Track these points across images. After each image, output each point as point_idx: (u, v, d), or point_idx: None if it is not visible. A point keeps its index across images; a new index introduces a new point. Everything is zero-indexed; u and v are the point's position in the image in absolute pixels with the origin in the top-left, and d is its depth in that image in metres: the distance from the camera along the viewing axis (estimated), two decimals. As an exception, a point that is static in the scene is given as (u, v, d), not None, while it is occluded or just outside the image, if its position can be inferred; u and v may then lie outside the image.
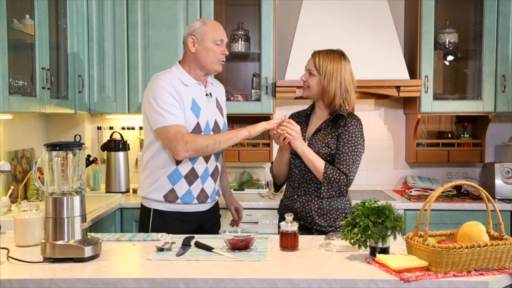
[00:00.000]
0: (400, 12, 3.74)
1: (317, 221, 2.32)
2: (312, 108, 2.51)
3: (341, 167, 2.27)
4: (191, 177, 2.36)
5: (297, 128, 2.27)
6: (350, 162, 2.27)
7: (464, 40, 3.59)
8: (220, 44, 2.38)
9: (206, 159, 2.39)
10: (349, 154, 2.28)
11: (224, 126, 2.53)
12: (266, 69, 3.42)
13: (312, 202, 2.33)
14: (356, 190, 3.57)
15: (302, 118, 2.50)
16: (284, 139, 2.27)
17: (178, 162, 2.33)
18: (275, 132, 2.28)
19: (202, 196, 2.41)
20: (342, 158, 2.28)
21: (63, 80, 3.10)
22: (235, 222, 2.74)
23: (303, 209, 2.35)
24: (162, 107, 2.26)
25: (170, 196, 2.36)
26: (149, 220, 2.39)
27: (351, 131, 2.30)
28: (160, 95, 2.28)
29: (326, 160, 2.30)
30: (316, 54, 2.37)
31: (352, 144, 2.28)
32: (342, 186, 2.27)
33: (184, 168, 2.35)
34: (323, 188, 2.27)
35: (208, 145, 2.26)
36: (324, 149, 2.31)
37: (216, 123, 2.44)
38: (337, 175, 2.25)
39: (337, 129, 2.32)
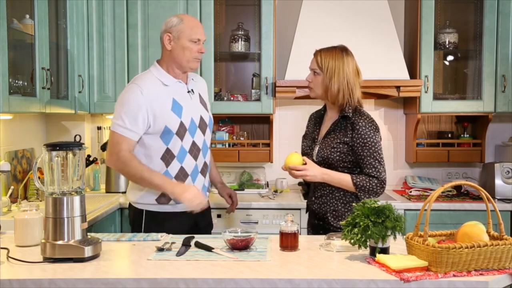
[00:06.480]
0: (400, 12, 3.74)
1: (332, 222, 2.31)
2: (325, 108, 2.48)
3: (369, 171, 2.24)
4: (181, 176, 2.35)
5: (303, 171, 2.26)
6: (376, 164, 2.24)
7: (464, 40, 3.59)
8: (197, 43, 2.35)
9: (195, 156, 2.38)
10: (371, 156, 2.23)
11: (210, 121, 2.50)
12: (266, 69, 3.42)
13: (328, 204, 2.33)
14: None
15: (317, 119, 2.48)
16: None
17: (167, 165, 2.33)
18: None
19: None
20: (366, 163, 2.24)
21: (63, 80, 3.10)
22: (231, 208, 2.69)
23: (320, 211, 2.36)
24: (121, 115, 2.26)
25: (163, 199, 2.35)
26: (142, 222, 2.39)
27: (362, 133, 2.24)
28: (128, 103, 2.27)
29: (340, 166, 2.28)
30: (318, 52, 2.34)
31: (370, 146, 2.24)
32: (378, 189, 2.24)
33: (174, 169, 2.34)
34: (362, 199, 2.22)
35: (132, 176, 2.29)
36: (334, 154, 2.28)
37: (202, 119, 2.43)
38: (368, 182, 2.23)
39: (346, 133, 2.28)
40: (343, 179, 2.25)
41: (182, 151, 2.34)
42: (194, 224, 2.42)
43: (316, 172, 2.26)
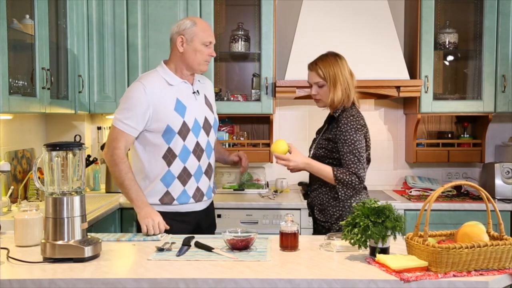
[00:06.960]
0: (400, 12, 3.74)
1: (317, 216, 2.39)
2: None
3: (349, 167, 2.27)
4: (184, 176, 2.36)
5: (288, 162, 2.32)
6: (356, 161, 2.27)
7: (464, 40, 3.59)
8: (209, 46, 2.39)
9: (198, 157, 2.39)
10: (351, 153, 2.27)
11: (215, 123, 2.52)
12: (266, 69, 3.42)
13: (316, 198, 2.40)
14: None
15: (326, 119, 2.56)
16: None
17: (169, 164, 2.34)
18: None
19: (198, 195, 2.41)
20: (346, 159, 2.28)
21: (63, 80, 3.10)
22: (243, 168, 2.67)
23: (312, 204, 2.44)
24: (123, 111, 2.30)
25: (166, 199, 2.36)
26: None
27: (343, 130, 2.29)
28: (130, 100, 2.31)
29: (325, 163, 2.33)
30: (314, 66, 2.40)
31: (350, 143, 2.28)
32: (356, 185, 2.28)
33: (176, 169, 2.35)
34: (339, 192, 2.29)
35: (116, 177, 2.32)
36: (320, 151, 2.38)
37: (206, 120, 2.44)
38: (347, 177, 2.26)
39: (331, 131, 2.36)
40: (324, 170, 2.30)
41: (184, 151, 2.34)
42: (197, 224, 2.43)
43: (298, 161, 2.32)
